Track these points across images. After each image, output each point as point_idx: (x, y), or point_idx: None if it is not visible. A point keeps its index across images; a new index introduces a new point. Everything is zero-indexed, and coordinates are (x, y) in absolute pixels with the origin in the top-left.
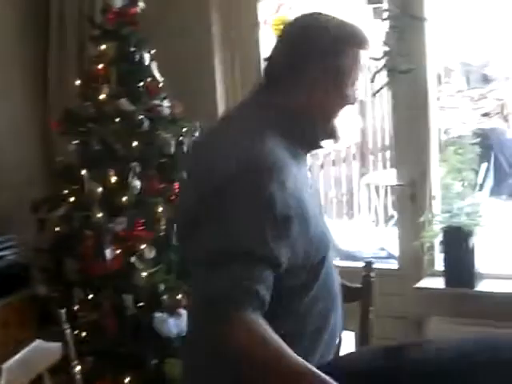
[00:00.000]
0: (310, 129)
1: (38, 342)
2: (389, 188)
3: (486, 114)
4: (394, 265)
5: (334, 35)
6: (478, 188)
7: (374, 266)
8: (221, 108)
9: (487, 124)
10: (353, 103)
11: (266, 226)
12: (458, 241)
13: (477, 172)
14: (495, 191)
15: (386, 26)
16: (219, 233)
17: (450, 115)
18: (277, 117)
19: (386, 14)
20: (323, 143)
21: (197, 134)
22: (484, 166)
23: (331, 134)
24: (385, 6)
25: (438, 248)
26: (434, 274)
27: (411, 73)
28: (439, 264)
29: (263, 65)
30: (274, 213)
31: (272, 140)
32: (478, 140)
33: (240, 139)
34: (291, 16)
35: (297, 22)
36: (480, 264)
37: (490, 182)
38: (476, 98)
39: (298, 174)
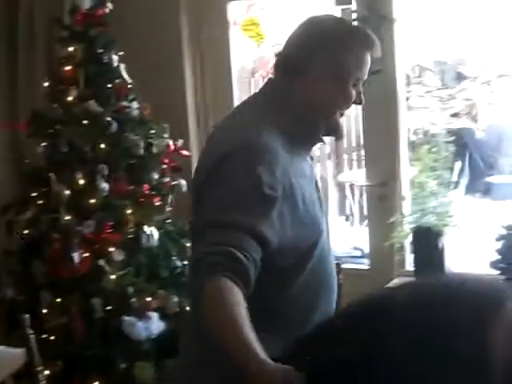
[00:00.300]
0: (311, 121)
1: (1, 348)
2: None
3: (455, 115)
4: (364, 265)
5: (347, 31)
6: (452, 186)
7: (345, 265)
8: (190, 109)
9: (456, 124)
10: (358, 103)
11: (252, 202)
12: (427, 241)
13: (451, 170)
14: (470, 189)
15: None
16: (211, 206)
17: (420, 116)
18: (278, 108)
19: (354, 15)
20: (324, 138)
21: (166, 135)
22: (458, 164)
23: (333, 131)
24: (353, 7)
25: (408, 248)
26: (405, 275)
27: (381, 73)
28: (410, 264)
29: (274, 59)
30: (259, 192)
31: (268, 131)
32: (453, 138)
33: (239, 127)
34: (261, 16)
35: (312, 19)
36: (451, 264)
37: (465, 180)
38: (445, 99)
39: (291, 165)
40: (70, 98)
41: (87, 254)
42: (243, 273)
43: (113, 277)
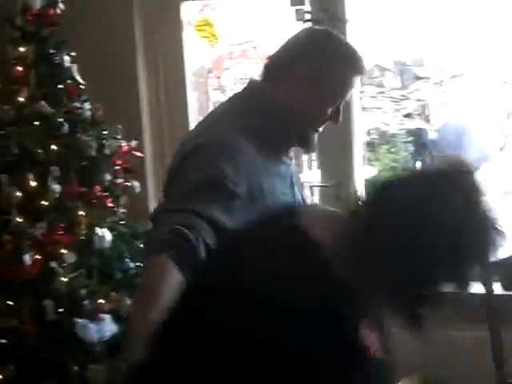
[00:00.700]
0: (284, 127)
1: None
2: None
3: (408, 115)
4: None
5: (336, 48)
6: None
7: None
8: (144, 110)
9: (409, 125)
10: (333, 121)
11: (213, 194)
12: None
13: None
14: None
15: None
16: (173, 195)
17: (373, 116)
18: (254, 110)
19: (308, 16)
20: (296, 145)
21: (119, 136)
22: (419, 164)
23: (303, 143)
24: (307, 8)
25: None
26: None
27: None
28: None
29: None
30: (221, 184)
31: (239, 131)
32: (411, 139)
33: (212, 126)
34: (214, 17)
35: (309, 28)
36: None
37: None
38: (398, 99)
39: (263, 165)
40: (21, 99)
41: (39, 256)
42: (189, 251)
43: (65, 279)
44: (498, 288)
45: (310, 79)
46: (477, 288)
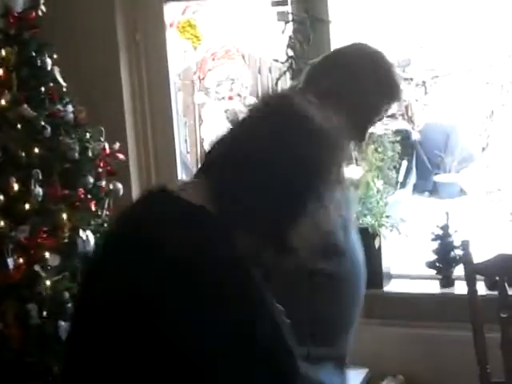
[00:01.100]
0: None
1: None
2: None
3: (391, 116)
4: None
5: (380, 73)
6: (399, 186)
7: None
8: (127, 112)
9: (393, 125)
10: (356, 140)
11: None
12: (364, 242)
13: (398, 170)
14: (418, 188)
15: (290, 29)
16: None
17: None
18: None
19: (290, 17)
20: None
21: (102, 138)
22: (405, 163)
23: None
24: (289, 8)
25: None
26: None
27: None
28: None
29: (306, 68)
30: None
31: None
32: (399, 138)
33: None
34: (196, 18)
35: (359, 47)
36: (390, 264)
37: (412, 180)
38: None
39: None
40: (3, 102)
41: (22, 260)
42: None
43: (48, 282)
44: (481, 288)
45: (331, 95)
46: (460, 288)
